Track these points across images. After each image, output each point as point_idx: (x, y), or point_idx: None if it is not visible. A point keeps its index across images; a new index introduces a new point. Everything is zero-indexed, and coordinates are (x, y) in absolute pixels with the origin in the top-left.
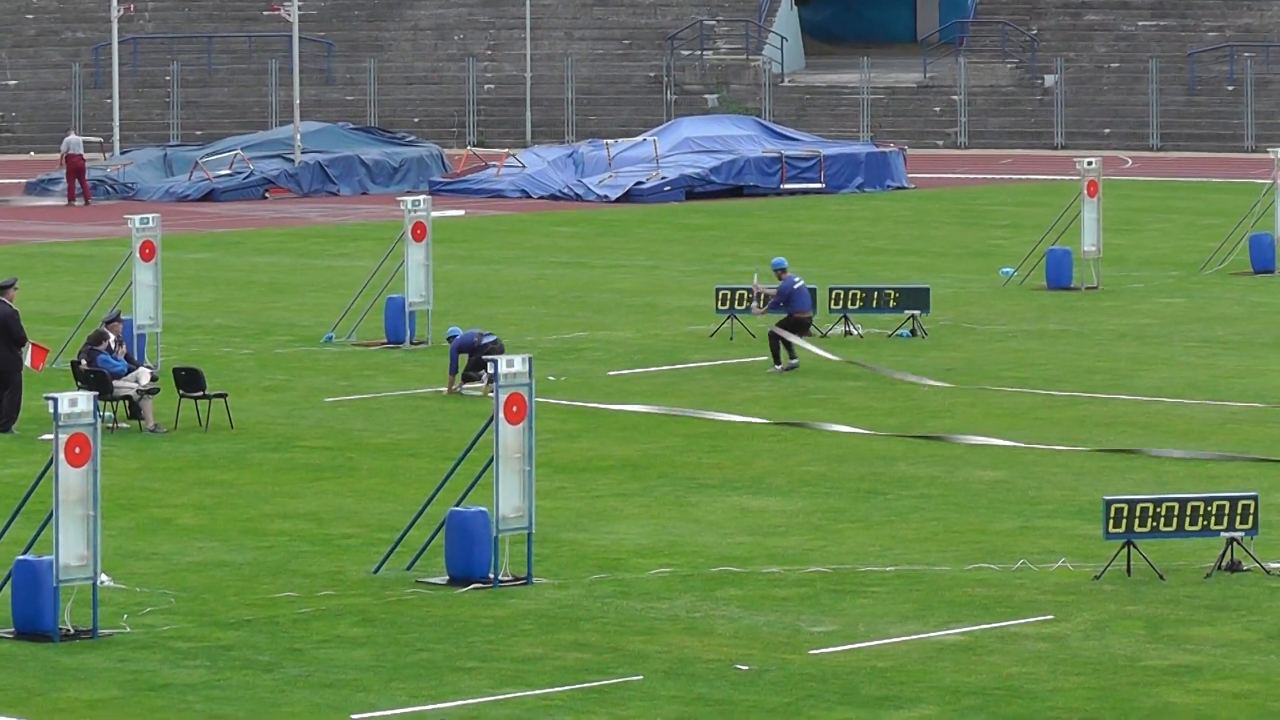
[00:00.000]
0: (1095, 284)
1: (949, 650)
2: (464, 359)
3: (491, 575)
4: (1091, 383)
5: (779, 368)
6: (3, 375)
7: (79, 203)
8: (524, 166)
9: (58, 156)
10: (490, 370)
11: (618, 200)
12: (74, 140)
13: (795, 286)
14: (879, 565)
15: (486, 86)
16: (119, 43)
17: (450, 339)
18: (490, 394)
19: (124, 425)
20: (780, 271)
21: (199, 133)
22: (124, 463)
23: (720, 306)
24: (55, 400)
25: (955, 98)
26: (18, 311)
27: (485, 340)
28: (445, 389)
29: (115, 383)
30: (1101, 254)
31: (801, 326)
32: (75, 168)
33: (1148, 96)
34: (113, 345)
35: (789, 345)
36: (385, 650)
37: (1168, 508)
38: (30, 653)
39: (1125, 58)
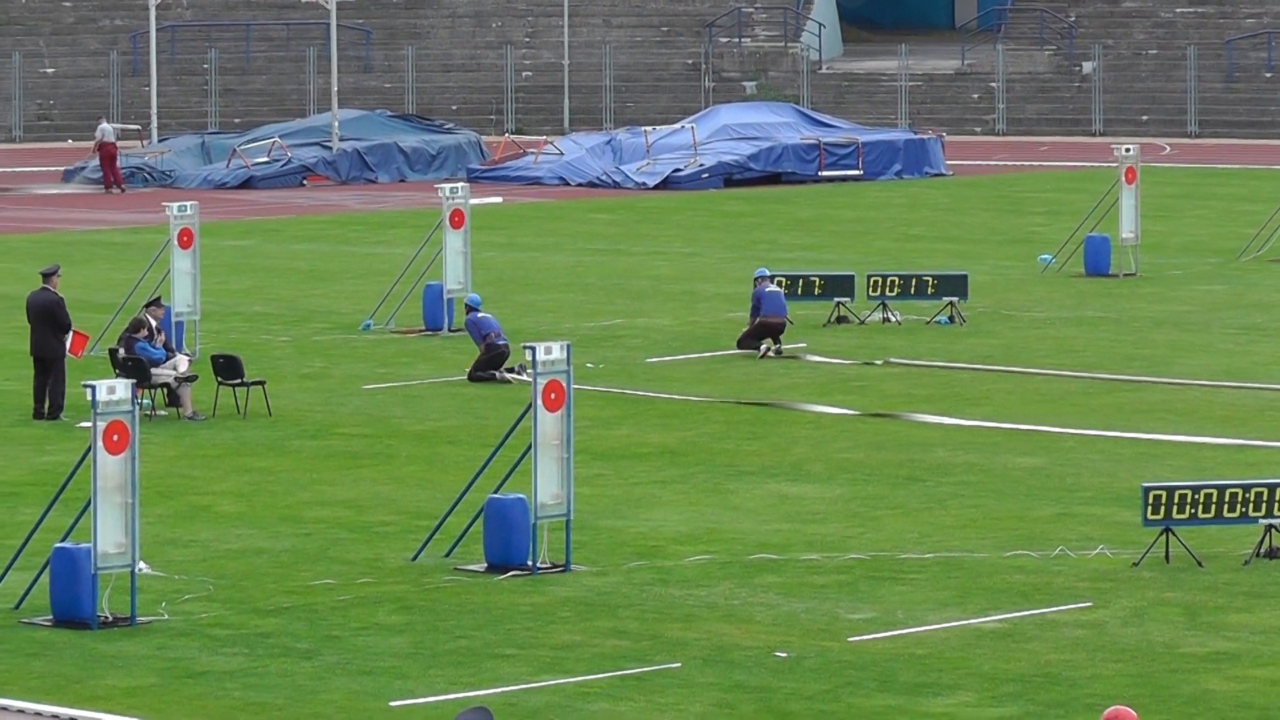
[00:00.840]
0: (1133, 271)
1: (987, 637)
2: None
3: (530, 562)
4: (1130, 369)
5: (765, 350)
6: (46, 362)
7: (116, 190)
8: (562, 154)
9: (92, 144)
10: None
11: (656, 187)
12: (107, 128)
13: (766, 291)
14: (918, 552)
15: (524, 74)
16: (157, 30)
17: (470, 306)
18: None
19: (162, 413)
20: (758, 280)
21: (237, 120)
22: (162, 450)
23: None
24: (93, 388)
25: (993, 85)
26: (63, 299)
27: (499, 341)
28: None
29: (153, 370)
30: (1140, 241)
31: (770, 331)
32: (108, 155)
33: (1186, 83)
34: (153, 331)
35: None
36: (424, 637)
37: (1206, 494)
38: (68, 640)
39: (1163, 44)
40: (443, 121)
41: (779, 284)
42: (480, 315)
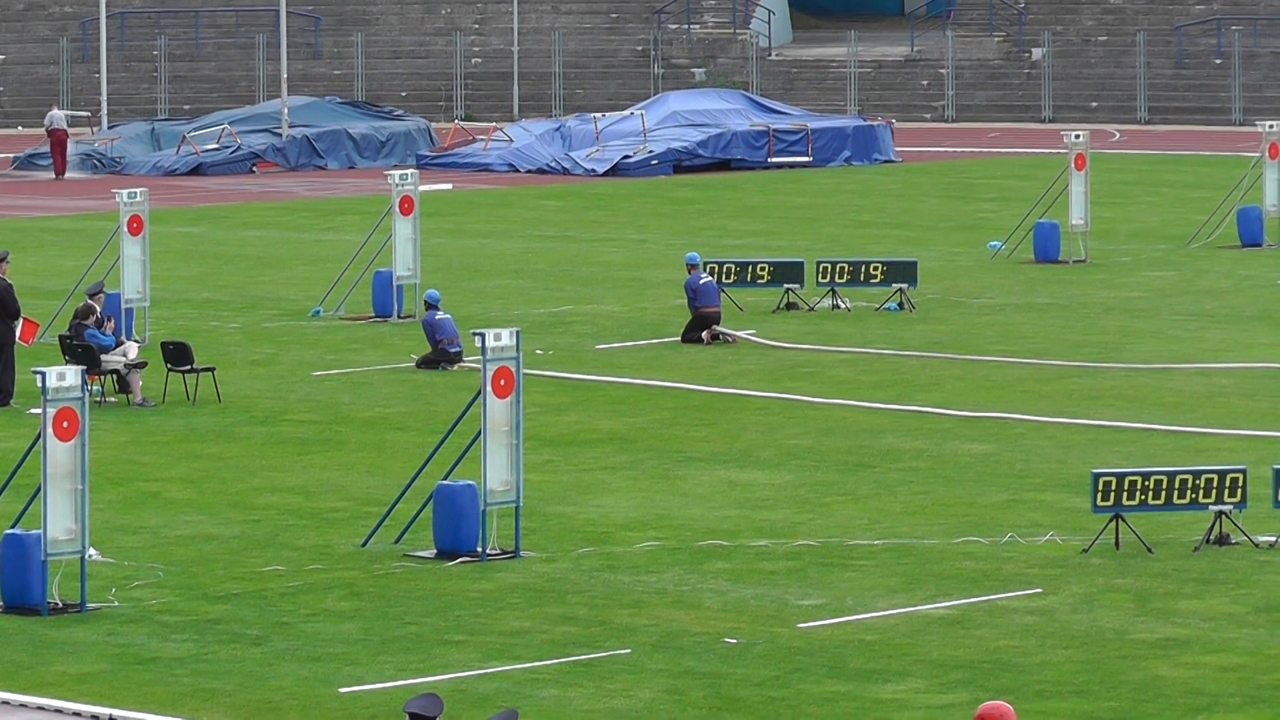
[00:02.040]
0: (1083, 257)
1: (937, 623)
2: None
3: (479, 549)
4: (1080, 355)
5: (710, 339)
6: None
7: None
8: (511, 140)
9: (43, 131)
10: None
11: (605, 174)
12: (57, 115)
13: (700, 283)
14: (867, 538)
15: (474, 60)
16: (106, 17)
17: (429, 303)
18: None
19: (112, 399)
20: (690, 267)
21: (186, 107)
22: (112, 436)
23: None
24: (43, 374)
25: (943, 71)
26: (12, 285)
27: (451, 350)
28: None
29: (103, 357)
30: (1089, 227)
31: (707, 322)
32: (58, 142)
33: (1135, 70)
34: (101, 318)
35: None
36: (373, 623)
37: (1156, 481)
38: (18, 626)
39: (1113, 31)
40: (392, 108)
41: (710, 270)
42: (439, 317)
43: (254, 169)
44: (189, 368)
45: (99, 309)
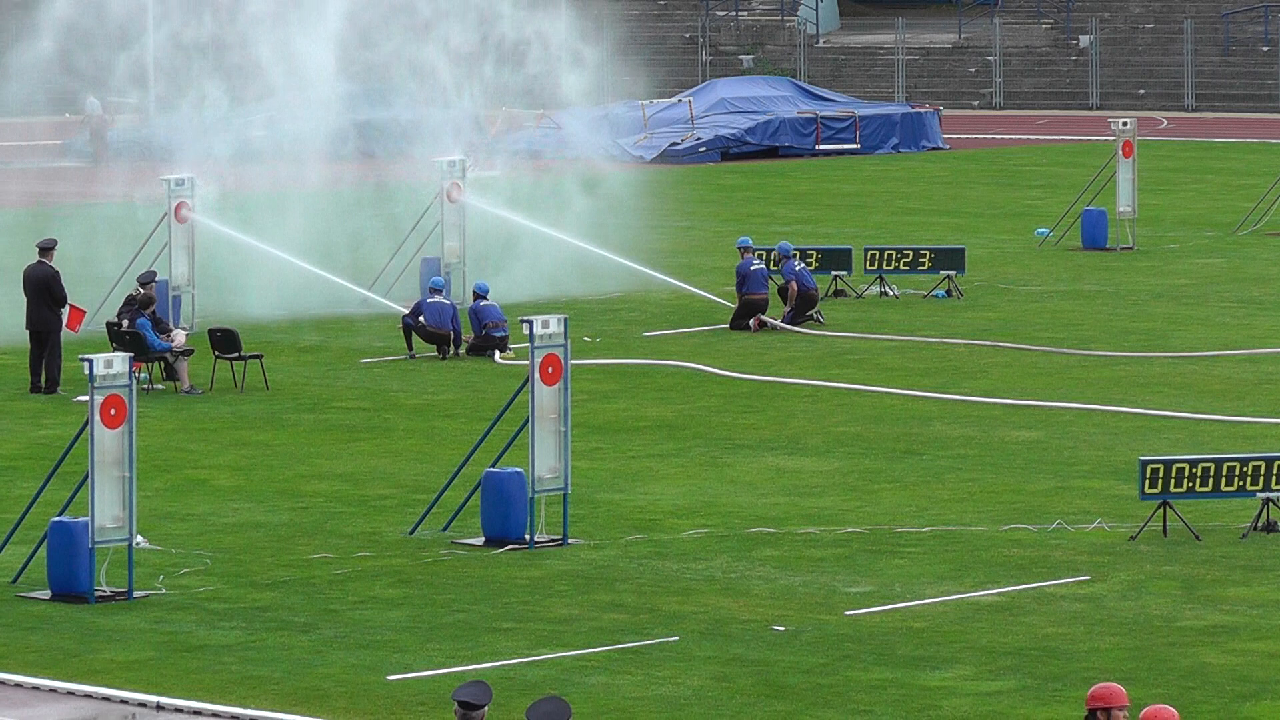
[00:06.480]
0: (1130, 244)
1: (985, 611)
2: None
3: (527, 536)
4: (1127, 343)
5: (757, 325)
6: (41, 336)
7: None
8: (559, 127)
9: (83, 118)
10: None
11: (653, 161)
12: (95, 102)
13: (751, 269)
14: (915, 526)
15: (522, 46)
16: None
17: (478, 294)
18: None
19: (159, 386)
20: (743, 250)
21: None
22: (160, 424)
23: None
24: (91, 362)
25: (990, 58)
26: (59, 272)
27: (496, 333)
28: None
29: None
30: (1137, 214)
31: (754, 309)
32: (99, 128)
33: (1183, 57)
34: (162, 323)
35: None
36: (421, 611)
37: (1204, 468)
38: (66, 614)
39: (1160, 18)
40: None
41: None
42: (484, 304)
43: None
44: (237, 355)
45: (155, 304)
